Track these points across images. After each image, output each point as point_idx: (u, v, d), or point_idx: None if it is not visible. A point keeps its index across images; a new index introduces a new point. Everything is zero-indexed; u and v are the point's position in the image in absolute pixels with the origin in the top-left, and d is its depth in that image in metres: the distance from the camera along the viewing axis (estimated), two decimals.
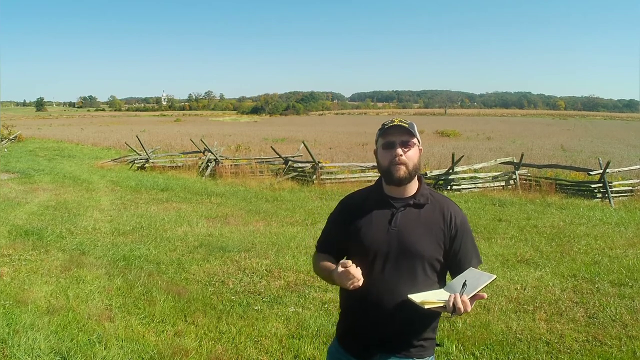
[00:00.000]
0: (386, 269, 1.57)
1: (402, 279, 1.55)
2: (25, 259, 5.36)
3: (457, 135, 34.26)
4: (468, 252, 1.63)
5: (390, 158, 1.57)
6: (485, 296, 1.46)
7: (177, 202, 9.30)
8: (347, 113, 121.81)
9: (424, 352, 1.63)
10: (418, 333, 1.61)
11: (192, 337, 3.51)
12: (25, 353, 3.16)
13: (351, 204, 1.71)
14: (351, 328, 1.68)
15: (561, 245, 6.28)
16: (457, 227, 1.62)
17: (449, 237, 1.61)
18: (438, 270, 1.61)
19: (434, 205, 1.63)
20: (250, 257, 5.53)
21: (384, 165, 1.60)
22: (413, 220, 1.60)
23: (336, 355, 1.71)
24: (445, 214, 1.62)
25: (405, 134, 1.58)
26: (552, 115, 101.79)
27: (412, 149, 1.58)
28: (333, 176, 12.41)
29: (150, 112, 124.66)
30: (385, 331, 1.58)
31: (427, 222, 1.60)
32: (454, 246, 1.61)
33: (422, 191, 1.64)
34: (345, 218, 1.68)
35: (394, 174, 1.57)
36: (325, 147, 22.92)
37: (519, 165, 11.69)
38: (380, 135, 1.62)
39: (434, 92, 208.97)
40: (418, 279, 1.56)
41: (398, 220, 1.59)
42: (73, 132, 37.17)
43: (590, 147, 24.67)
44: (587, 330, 3.70)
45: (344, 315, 1.73)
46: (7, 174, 13.09)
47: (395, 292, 1.54)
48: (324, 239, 1.77)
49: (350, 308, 1.66)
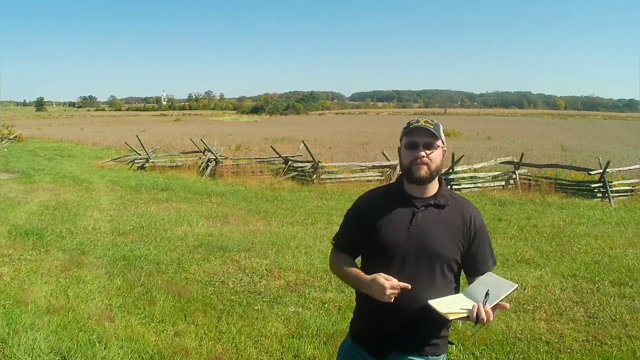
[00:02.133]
0: (405, 267, 1.57)
1: (420, 278, 1.56)
2: (25, 259, 5.36)
3: (457, 134, 34.21)
4: (485, 255, 1.65)
5: (412, 158, 1.58)
6: (507, 306, 1.46)
7: (177, 201, 9.30)
8: (347, 113, 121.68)
9: (438, 350, 1.64)
10: (433, 332, 1.62)
11: (192, 337, 3.51)
12: (25, 353, 3.16)
13: (371, 202, 1.70)
14: (366, 326, 1.68)
15: (561, 244, 6.28)
16: (476, 230, 1.63)
17: (468, 239, 1.61)
18: (455, 271, 1.63)
19: (454, 206, 1.64)
20: (250, 257, 5.53)
21: (405, 164, 1.61)
22: (433, 221, 1.60)
23: (350, 353, 1.72)
24: (465, 216, 1.63)
25: (429, 135, 1.58)
26: (552, 115, 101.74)
27: (435, 151, 1.59)
28: (333, 176, 12.40)
29: (150, 112, 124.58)
30: (403, 330, 1.59)
31: (447, 223, 1.60)
32: (472, 248, 1.62)
33: (443, 192, 1.65)
34: (364, 215, 1.67)
35: (415, 174, 1.57)
36: (325, 147, 22.90)
37: (519, 165, 11.69)
38: (404, 134, 1.62)
39: (434, 91, 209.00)
40: (436, 279, 1.58)
41: (419, 220, 1.59)
42: (73, 132, 37.14)
43: (590, 147, 24.65)
44: (587, 330, 3.70)
45: (359, 313, 1.73)
46: (7, 174, 13.09)
47: (414, 291, 1.54)
48: (342, 236, 1.76)
49: (367, 306, 1.65)
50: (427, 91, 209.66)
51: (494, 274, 1.59)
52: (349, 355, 1.72)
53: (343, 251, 1.74)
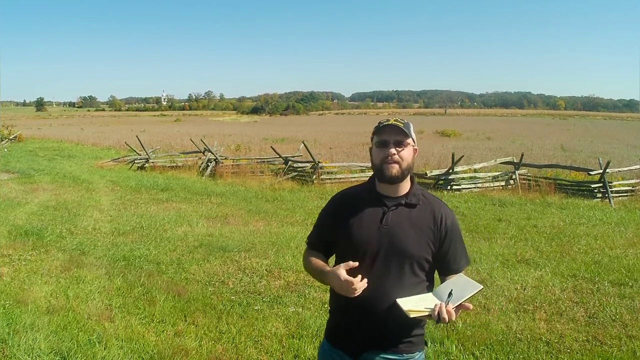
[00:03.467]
0: (375, 266, 1.59)
1: (391, 277, 1.58)
2: (25, 259, 5.36)
3: (457, 135, 34.26)
4: (457, 254, 1.65)
5: (383, 156, 1.59)
6: (470, 307, 1.48)
7: (177, 202, 9.30)
8: (347, 113, 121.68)
9: (413, 348, 1.65)
10: (406, 330, 1.63)
11: (192, 337, 3.51)
12: (25, 353, 3.16)
13: (343, 201, 1.72)
14: (340, 325, 1.70)
15: (561, 245, 6.28)
16: (447, 229, 1.63)
17: (439, 238, 1.62)
18: (426, 269, 1.63)
19: (425, 205, 1.65)
20: (250, 257, 5.53)
21: (376, 162, 1.61)
22: (404, 220, 1.61)
23: (328, 353, 1.73)
24: (436, 215, 1.63)
25: (399, 133, 1.59)
26: (552, 115, 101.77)
27: (406, 149, 1.60)
28: (333, 176, 12.41)
29: (150, 112, 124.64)
30: (374, 328, 1.60)
31: (418, 222, 1.61)
32: (444, 247, 1.63)
33: (414, 191, 1.65)
34: (336, 215, 1.69)
35: (386, 172, 1.58)
36: (325, 147, 22.91)
37: (519, 165, 11.69)
38: (375, 132, 1.63)
39: (434, 92, 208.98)
40: (406, 278, 1.59)
41: (389, 219, 1.60)
42: (73, 132, 37.17)
43: (590, 147, 24.66)
44: (587, 330, 3.70)
45: (332, 313, 1.75)
46: (7, 174, 13.09)
47: (383, 289, 1.57)
48: (315, 235, 1.78)
49: (339, 306, 1.68)
50: (427, 91, 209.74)
51: (464, 275, 1.60)
52: (327, 356, 1.73)
53: (315, 250, 1.75)
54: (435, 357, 3.27)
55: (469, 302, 1.47)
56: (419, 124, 48.47)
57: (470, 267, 5.19)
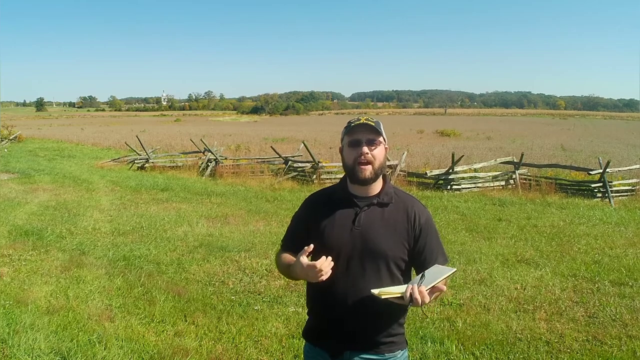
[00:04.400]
0: (350, 267, 1.58)
1: (367, 278, 1.57)
2: (25, 259, 5.36)
3: (457, 135, 34.22)
4: (433, 251, 1.63)
5: (356, 156, 1.57)
6: (444, 289, 1.44)
7: (177, 202, 9.30)
8: (347, 113, 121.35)
9: (394, 347, 1.64)
10: (385, 329, 1.62)
11: (192, 337, 3.51)
12: (25, 353, 3.16)
13: (316, 203, 1.71)
14: (319, 326, 1.69)
15: (561, 244, 6.28)
16: (421, 226, 1.61)
17: (413, 236, 1.61)
18: (403, 268, 1.62)
19: (398, 204, 1.63)
20: (250, 257, 5.53)
21: (349, 163, 1.60)
22: (377, 220, 1.60)
23: (311, 354, 1.72)
24: (409, 212, 1.62)
25: (371, 132, 1.58)
26: (552, 115, 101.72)
27: (378, 148, 1.59)
28: (333, 176, 12.39)
29: (150, 112, 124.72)
30: (352, 328, 1.60)
31: (391, 221, 1.60)
32: (419, 245, 1.61)
33: (387, 190, 1.64)
34: (309, 217, 1.68)
35: (359, 174, 1.57)
36: (325, 147, 22.87)
37: (519, 165, 11.69)
38: (346, 133, 1.62)
39: (434, 91, 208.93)
40: (382, 278, 1.57)
41: (362, 220, 1.59)
42: (73, 132, 37.17)
43: (590, 147, 24.64)
44: (587, 330, 3.70)
45: (311, 314, 1.74)
46: (7, 174, 13.09)
47: (359, 290, 1.56)
48: (289, 237, 1.76)
49: (316, 307, 1.67)
50: (427, 91, 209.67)
51: (439, 265, 1.56)
52: (310, 356, 1.73)
53: (287, 251, 1.73)
54: (435, 357, 3.27)
55: (444, 283, 1.44)
56: (419, 123, 48.60)
57: (470, 267, 5.21)
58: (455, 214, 8.27)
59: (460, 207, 8.87)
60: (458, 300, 4.29)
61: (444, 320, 3.84)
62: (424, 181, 11.50)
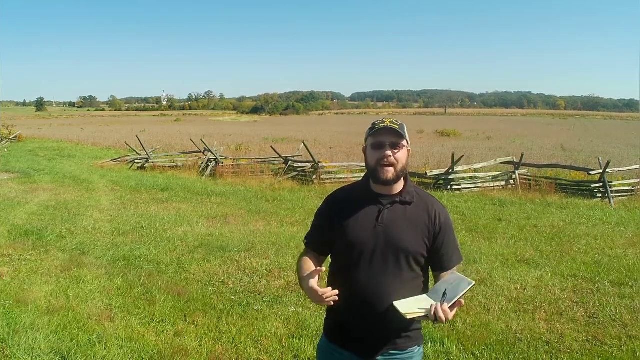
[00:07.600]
0: (373, 263, 1.62)
1: (389, 273, 1.61)
2: (25, 259, 5.36)
3: (457, 135, 34.21)
4: (450, 249, 1.69)
5: (379, 158, 1.61)
6: (463, 303, 1.51)
7: (177, 202, 9.30)
8: (347, 113, 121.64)
9: (410, 342, 1.68)
10: (404, 325, 1.64)
11: (192, 337, 3.51)
12: (25, 353, 3.16)
13: (339, 200, 1.74)
14: (339, 322, 1.71)
15: (561, 245, 6.28)
16: (441, 225, 1.67)
17: (433, 234, 1.66)
18: (422, 264, 1.67)
19: (419, 203, 1.69)
20: (250, 257, 5.53)
21: (371, 164, 1.64)
22: (399, 217, 1.64)
23: (327, 350, 1.74)
24: (430, 211, 1.67)
25: (395, 135, 1.62)
26: (552, 115, 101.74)
27: (401, 151, 1.63)
28: (333, 176, 12.40)
29: (150, 112, 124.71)
30: (372, 324, 1.63)
31: (413, 219, 1.65)
32: (437, 243, 1.66)
33: (408, 189, 1.69)
34: (332, 214, 1.71)
35: (381, 176, 1.61)
36: (325, 147, 22.89)
37: (519, 165, 11.69)
38: (370, 134, 1.65)
39: (434, 91, 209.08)
40: (403, 273, 1.62)
41: (385, 217, 1.63)
42: (73, 132, 37.17)
43: (590, 147, 24.64)
44: (587, 330, 3.70)
45: (331, 310, 1.75)
46: (7, 174, 13.09)
47: (381, 285, 1.60)
48: (313, 235, 1.79)
49: (337, 302, 1.68)
50: (427, 91, 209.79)
51: (455, 273, 1.64)
52: (327, 353, 1.75)
53: (312, 249, 1.77)
54: (435, 357, 3.27)
55: (462, 298, 1.50)
56: (419, 123, 48.51)
57: (470, 267, 5.20)
58: (455, 214, 8.26)
59: (460, 207, 8.87)
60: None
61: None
62: (424, 181, 11.49)
